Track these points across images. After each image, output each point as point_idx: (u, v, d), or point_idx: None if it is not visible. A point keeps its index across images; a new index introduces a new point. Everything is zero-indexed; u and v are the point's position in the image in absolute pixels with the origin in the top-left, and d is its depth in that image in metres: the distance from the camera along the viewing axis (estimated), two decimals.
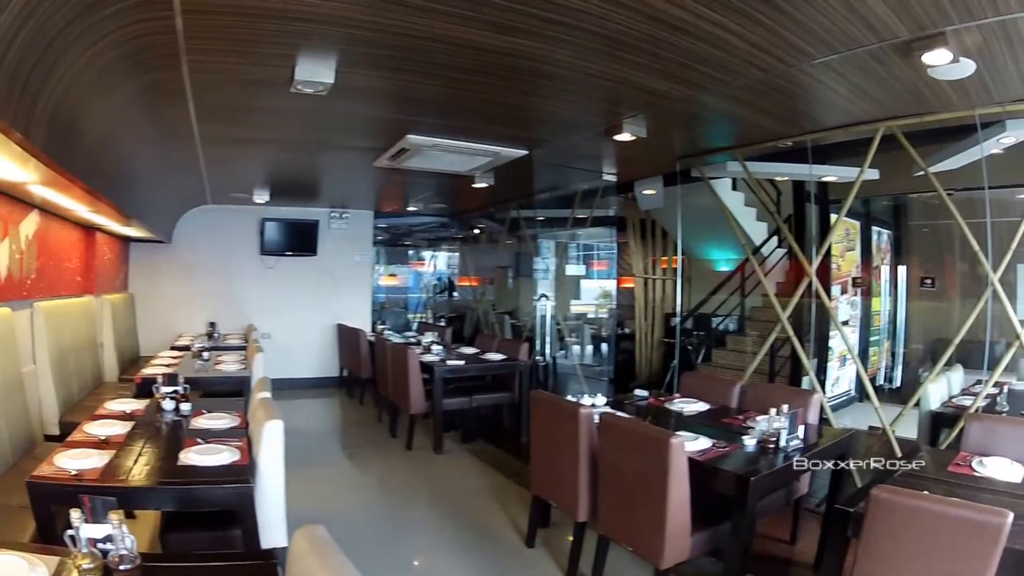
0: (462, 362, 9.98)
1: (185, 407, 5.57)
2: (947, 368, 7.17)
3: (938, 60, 4.74)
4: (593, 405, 5.80)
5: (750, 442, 5.15)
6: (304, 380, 13.92)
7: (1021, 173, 6.22)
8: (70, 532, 2.70)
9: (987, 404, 6.48)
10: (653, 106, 6.23)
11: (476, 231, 17.90)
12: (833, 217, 7.78)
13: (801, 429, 5.31)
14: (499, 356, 10.44)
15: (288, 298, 13.82)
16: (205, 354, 8.87)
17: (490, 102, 6.12)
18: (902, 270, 12.11)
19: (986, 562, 3.12)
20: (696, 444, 5.05)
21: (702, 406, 6.56)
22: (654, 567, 4.70)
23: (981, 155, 6.25)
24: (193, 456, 4.28)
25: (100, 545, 2.73)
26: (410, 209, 14.73)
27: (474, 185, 9.96)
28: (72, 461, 4.07)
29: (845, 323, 10.97)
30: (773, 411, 5.20)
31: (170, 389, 5.66)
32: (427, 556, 6.08)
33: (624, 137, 6.94)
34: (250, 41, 4.55)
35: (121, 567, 2.70)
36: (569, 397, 6.04)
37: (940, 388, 7.15)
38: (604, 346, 16.00)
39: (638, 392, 7.01)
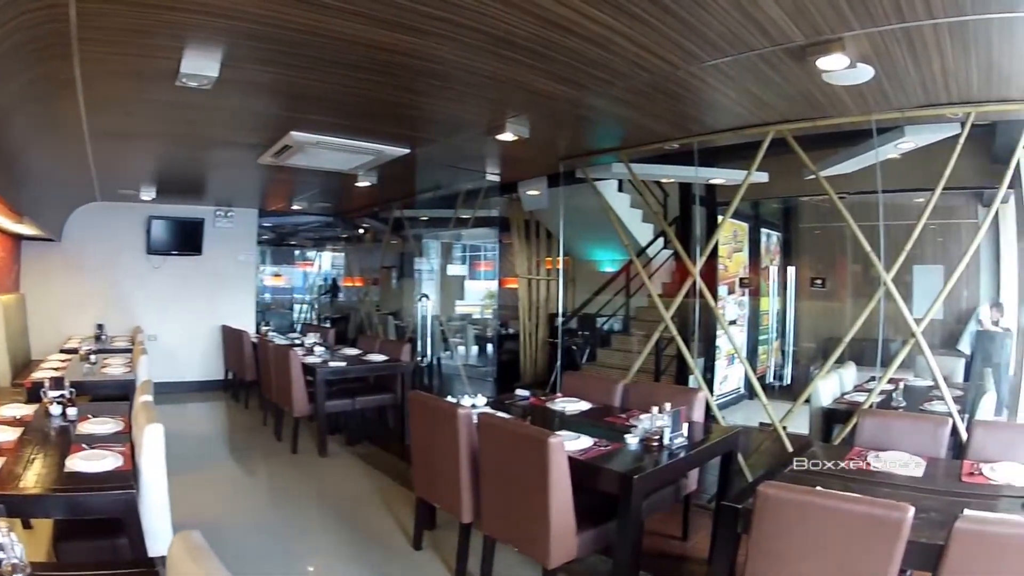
0: (344, 363, 9.90)
1: (72, 412, 5.42)
2: (839, 365, 7.32)
3: (834, 65, 4.79)
4: (473, 406, 5.83)
5: (633, 440, 5.18)
6: (190, 383, 13.63)
7: (919, 177, 6.29)
8: None
9: (882, 400, 6.62)
10: (538, 106, 6.23)
11: (361, 231, 17.84)
12: (720, 219, 7.81)
13: (685, 427, 5.34)
14: (381, 357, 10.40)
15: (174, 299, 13.47)
16: (93, 357, 8.60)
17: (374, 99, 6.06)
18: (791, 271, 12.28)
19: (888, 556, 3.15)
20: (577, 443, 5.08)
21: (584, 405, 6.61)
22: (542, 567, 4.69)
23: (876, 160, 6.36)
24: (79, 462, 4.17)
25: None
26: (295, 208, 14.59)
27: (358, 184, 9.90)
28: None
29: (733, 323, 11.18)
30: (655, 409, 5.25)
31: (56, 394, 5.51)
32: (314, 562, 5.99)
33: (506, 137, 6.96)
34: (141, 32, 4.42)
35: None
36: (449, 398, 6.00)
37: (831, 385, 7.31)
38: (490, 347, 15.99)
39: (519, 392, 7.07)
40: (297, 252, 22.45)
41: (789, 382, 12.07)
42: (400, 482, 7.68)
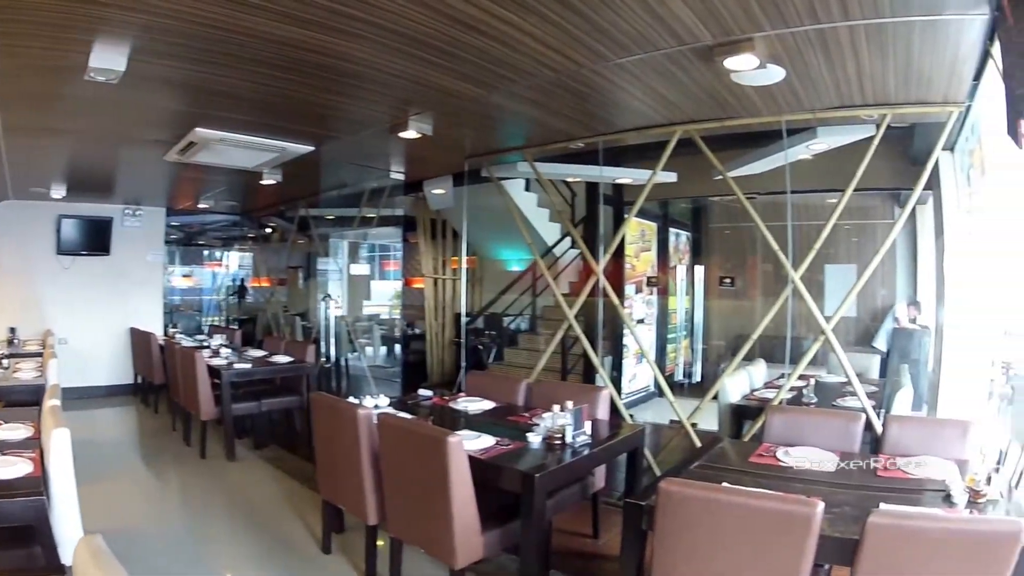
0: (249, 365, 9.79)
1: None
2: (748, 363, 7.39)
3: (742, 66, 4.82)
4: (376, 406, 5.86)
5: (535, 439, 5.19)
6: (100, 388, 13.27)
7: (836, 178, 6.34)
8: None
9: (793, 396, 6.73)
10: (442, 104, 6.22)
11: (268, 230, 17.62)
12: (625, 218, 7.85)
13: (588, 424, 5.35)
14: (287, 359, 10.31)
15: (83, 301, 13.12)
16: (5, 362, 8.47)
17: (279, 96, 6.00)
18: (700, 270, 12.47)
19: (800, 552, 3.15)
20: (478, 443, 5.09)
21: (487, 404, 6.62)
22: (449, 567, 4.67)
23: (786, 161, 6.42)
24: None
25: None
26: (202, 207, 14.41)
27: (263, 182, 9.78)
28: None
29: (641, 321, 11.36)
30: (557, 407, 5.25)
31: None
32: (224, 568, 5.90)
33: (409, 134, 6.91)
34: (55, 25, 4.34)
35: None
36: (352, 399, 5.94)
37: (740, 382, 7.41)
38: (397, 347, 16.04)
39: (422, 392, 7.06)
40: (206, 252, 22.14)
41: (699, 379, 12.38)
42: (308, 485, 7.60)
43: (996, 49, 4.30)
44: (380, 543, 5.49)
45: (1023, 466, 4.41)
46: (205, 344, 11.46)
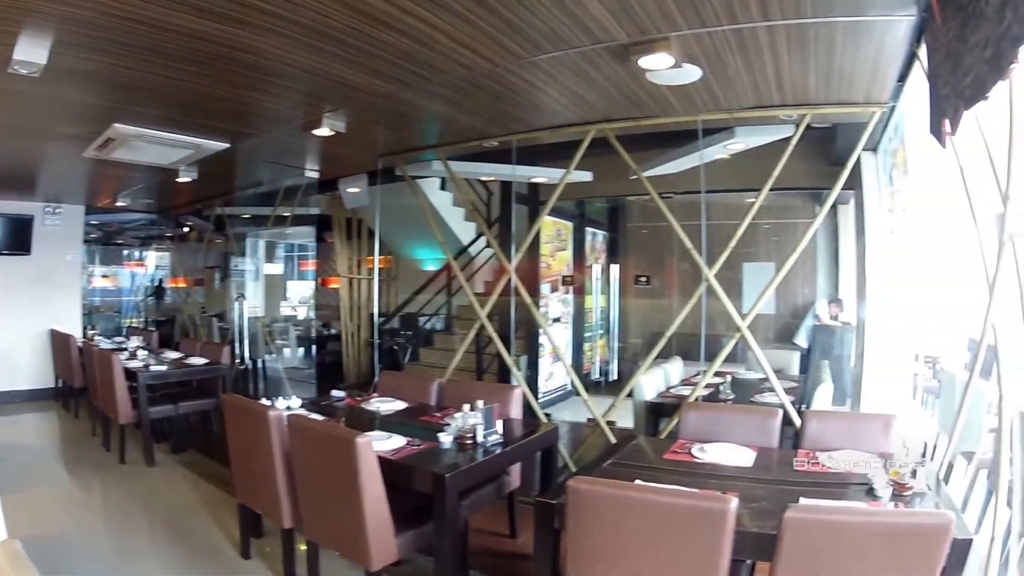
0: (165, 368, 9.65)
1: None
2: (665, 360, 7.45)
3: (657, 65, 4.83)
4: (288, 408, 5.82)
5: (446, 439, 5.18)
6: (21, 392, 12.95)
7: (757, 178, 6.37)
8: None
9: (711, 393, 6.78)
10: (355, 101, 6.19)
11: (185, 229, 17.29)
12: (545, 219, 7.87)
13: (499, 423, 5.37)
14: (203, 360, 10.20)
15: (3, 302, 12.80)
16: None
17: (194, 91, 5.93)
18: (615, 269, 12.60)
19: (716, 548, 3.15)
20: (389, 443, 5.08)
21: (400, 405, 6.60)
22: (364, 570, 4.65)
23: (701, 161, 6.48)
24: None
25: None
26: (120, 205, 14.14)
27: (179, 180, 9.67)
28: None
29: (557, 320, 11.47)
30: (467, 407, 5.25)
31: None
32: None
33: (323, 132, 6.89)
34: None
35: None
36: (265, 400, 5.83)
37: (656, 379, 7.49)
38: (315, 348, 15.85)
39: (335, 393, 7.03)
40: (125, 252, 21.80)
41: (616, 378, 12.46)
42: (226, 490, 7.41)
43: (923, 51, 4.35)
44: (302, 547, 5.42)
45: (951, 458, 4.47)
46: (123, 346, 11.34)
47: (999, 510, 4.24)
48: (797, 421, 5.88)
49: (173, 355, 10.76)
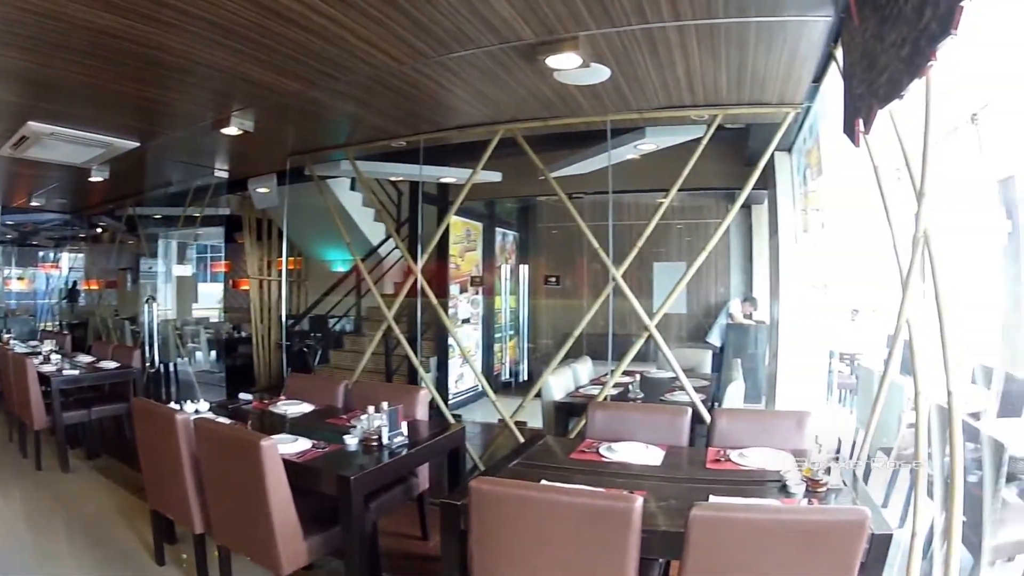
0: (78, 372, 9.47)
1: None
2: (574, 360, 7.46)
3: (566, 64, 4.85)
4: (196, 411, 5.80)
5: (352, 441, 5.17)
6: None
7: (664, 178, 6.40)
8: None
9: (620, 392, 6.81)
10: (263, 100, 6.16)
11: (99, 230, 17.08)
12: (454, 219, 7.85)
13: (404, 425, 5.36)
14: (114, 364, 10.04)
15: None
16: None
17: (103, 88, 5.86)
18: (524, 269, 12.60)
19: (622, 547, 3.15)
20: (295, 446, 5.05)
21: (307, 407, 6.58)
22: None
23: (609, 161, 6.50)
24: None
25: None
26: (35, 205, 13.97)
27: (92, 179, 9.57)
28: None
29: (467, 321, 11.51)
30: (371, 409, 5.24)
31: None
32: None
33: (231, 131, 6.86)
34: None
35: None
36: (173, 404, 5.84)
37: (564, 379, 7.48)
38: (225, 351, 15.69)
39: (243, 396, 7.01)
40: (41, 254, 21.52)
41: (527, 378, 12.58)
42: (140, 496, 7.32)
43: (840, 52, 4.38)
44: (215, 553, 5.34)
45: (869, 453, 4.51)
46: (37, 350, 11.07)
47: (920, 505, 4.31)
48: (707, 419, 5.86)
49: (86, 359, 10.56)
